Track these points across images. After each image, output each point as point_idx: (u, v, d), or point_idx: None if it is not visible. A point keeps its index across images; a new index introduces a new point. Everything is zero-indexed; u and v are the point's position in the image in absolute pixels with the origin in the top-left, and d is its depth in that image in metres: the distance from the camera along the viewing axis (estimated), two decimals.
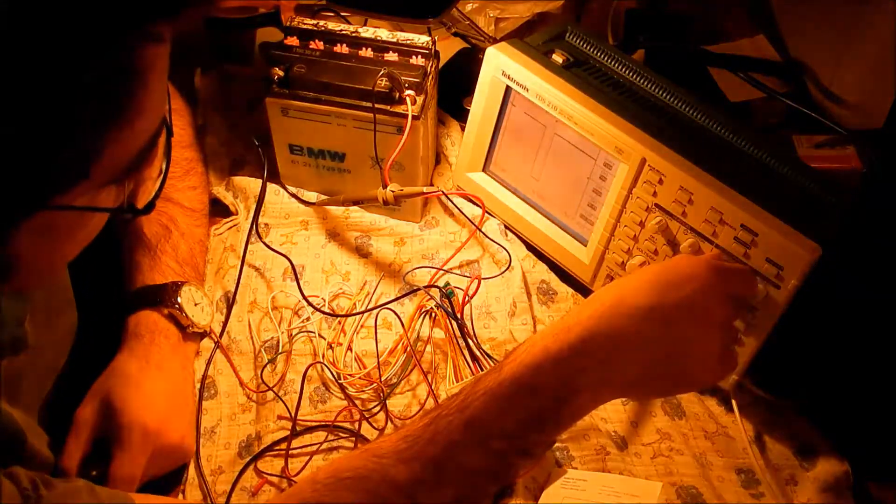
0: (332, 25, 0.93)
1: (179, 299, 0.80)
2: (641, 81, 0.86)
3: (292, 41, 0.91)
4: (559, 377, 0.57)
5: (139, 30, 0.41)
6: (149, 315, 0.79)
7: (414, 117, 0.84)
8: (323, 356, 0.84)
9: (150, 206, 0.52)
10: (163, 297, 0.80)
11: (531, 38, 0.90)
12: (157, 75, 0.44)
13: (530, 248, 0.92)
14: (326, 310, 0.87)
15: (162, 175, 0.55)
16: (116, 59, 0.41)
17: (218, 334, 0.85)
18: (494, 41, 1.06)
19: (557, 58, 0.86)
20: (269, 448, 0.77)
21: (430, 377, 0.82)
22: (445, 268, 0.90)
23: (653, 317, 0.58)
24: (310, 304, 0.86)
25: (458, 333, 0.82)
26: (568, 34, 0.91)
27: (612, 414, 0.80)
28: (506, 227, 0.93)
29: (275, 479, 0.76)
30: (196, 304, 0.82)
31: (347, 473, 0.57)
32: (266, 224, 0.95)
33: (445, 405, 0.59)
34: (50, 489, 0.53)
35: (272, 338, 0.86)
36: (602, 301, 0.59)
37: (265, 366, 0.83)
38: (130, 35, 0.41)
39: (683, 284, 0.59)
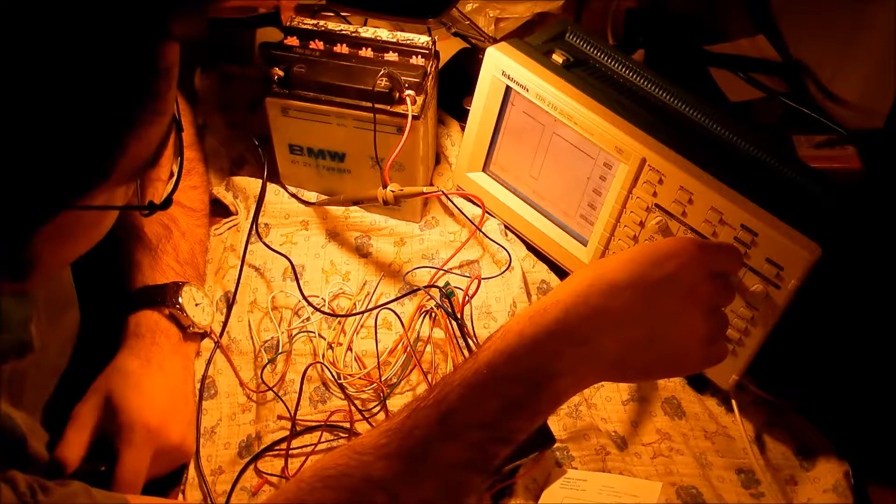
0: (332, 25, 0.93)
1: (180, 299, 0.80)
2: (641, 81, 0.86)
3: (292, 41, 0.91)
4: (535, 362, 0.55)
5: (164, 29, 0.42)
6: (150, 315, 0.79)
7: (414, 117, 0.84)
8: (323, 356, 0.84)
9: (167, 202, 0.53)
10: (164, 297, 0.80)
11: (531, 38, 0.90)
12: (175, 73, 0.44)
13: (530, 248, 0.92)
14: (326, 310, 0.87)
15: (175, 174, 0.56)
16: (144, 59, 0.41)
17: (218, 334, 0.85)
18: (494, 41, 1.06)
19: (557, 58, 0.86)
20: (269, 448, 0.77)
21: (430, 377, 0.82)
22: (445, 268, 0.90)
23: (632, 294, 0.55)
24: (310, 304, 0.86)
25: (458, 333, 0.82)
26: (568, 34, 0.91)
27: (612, 414, 0.80)
28: (506, 227, 0.93)
29: (274, 479, 0.76)
30: (197, 305, 0.82)
31: (330, 471, 0.56)
32: (266, 224, 0.95)
33: (423, 396, 0.57)
34: (47, 494, 0.53)
35: (272, 338, 0.86)
36: (581, 280, 0.57)
37: (265, 366, 0.83)
38: (155, 35, 0.41)
39: (665, 261, 0.57)
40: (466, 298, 0.85)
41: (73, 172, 0.42)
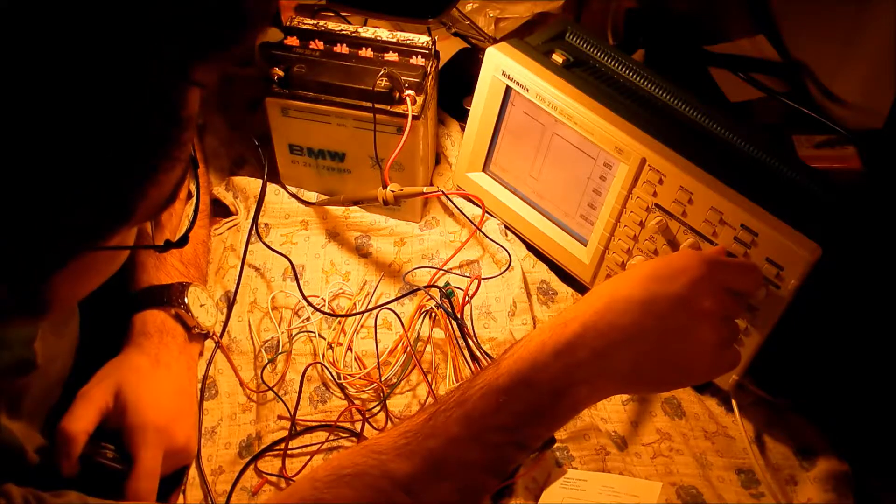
0: (332, 25, 0.93)
1: (186, 300, 0.80)
2: (641, 81, 0.86)
3: (292, 41, 0.91)
4: (556, 371, 0.57)
5: (186, 77, 0.42)
6: (156, 315, 0.79)
7: (414, 117, 0.84)
8: (323, 356, 0.84)
9: (183, 240, 0.55)
10: (170, 297, 0.80)
11: (531, 38, 0.90)
12: (195, 119, 0.45)
13: (530, 248, 0.92)
14: (326, 310, 0.87)
15: (193, 209, 0.57)
16: (167, 109, 0.42)
17: (218, 334, 0.85)
18: (494, 41, 1.06)
19: (557, 58, 0.86)
20: (270, 448, 0.78)
21: (430, 377, 0.82)
22: (445, 268, 0.90)
23: (646, 309, 0.58)
24: (310, 304, 0.86)
25: (458, 333, 0.82)
26: (568, 34, 0.91)
27: (612, 414, 0.80)
28: (506, 227, 0.93)
29: (274, 479, 0.76)
30: (202, 305, 0.82)
31: (347, 470, 0.57)
32: (266, 224, 0.95)
33: (444, 400, 0.59)
34: None
35: (272, 338, 0.86)
36: (599, 296, 0.60)
37: (265, 366, 0.83)
38: (179, 84, 0.42)
39: (675, 277, 0.60)
40: (466, 298, 0.85)
41: (95, 218, 0.43)
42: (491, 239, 0.92)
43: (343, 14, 1.07)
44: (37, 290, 0.45)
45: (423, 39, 0.90)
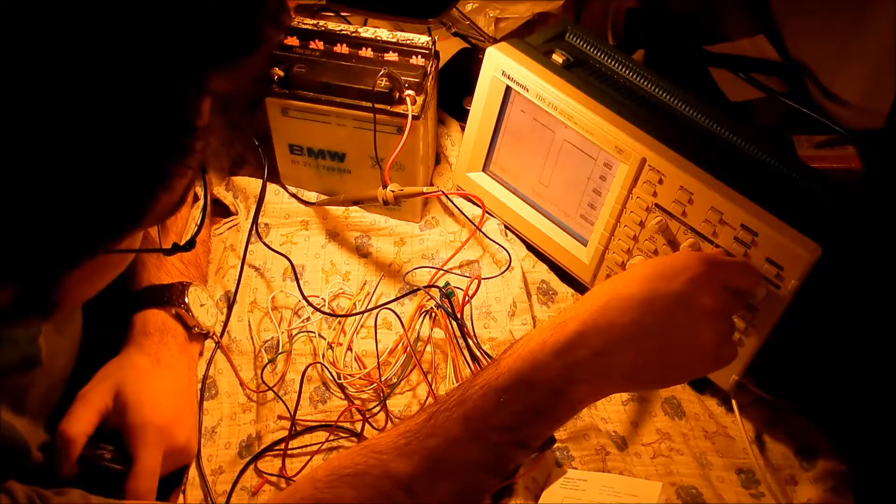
0: (332, 25, 0.93)
1: (187, 299, 0.80)
2: (641, 81, 0.86)
3: (292, 41, 0.91)
4: (556, 370, 0.58)
5: (201, 86, 0.42)
6: (156, 314, 0.79)
7: (414, 117, 0.85)
8: (323, 356, 0.84)
9: (190, 244, 0.55)
10: (170, 296, 0.80)
11: (531, 38, 0.90)
12: (208, 126, 0.45)
13: (530, 248, 0.92)
14: (326, 310, 0.87)
15: (201, 213, 0.56)
16: (182, 117, 0.42)
17: (218, 334, 0.85)
18: (494, 41, 1.06)
19: (557, 58, 0.86)
20: (270, 448, 0.78)
21: (430, 377, 0.82)
22: (445, 268, 0.90)
23: (645, 308, 0.59)
24: (310, 304, 0.86)
25: (458, 333, 0.82)
26: (568, 34, 0.91)
27: (612, 414, 0.80)
28: (506, 227, 0.93)
29: (274, 479, 0.76)
30: (202, 305, 0.82)
31: (347, 470, 0.58)
32: (266, 224, 0.95)
33: (444, 400, 0.59)
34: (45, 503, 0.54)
35: (272, 338, 0.86)
36: (598, 296, 0.60)
37: (265, 366, 0.83)
38: (194, 92, 0.42)
39: (675, 276, 0.60)
40: (466, 298, 0.85)
41: (109, 221, 0.43)
42: (491, 239, 0.92)
43: (343, 14, 1.07)
44: (47, 290, 0.46)
45: (423, 39, 0.90)
